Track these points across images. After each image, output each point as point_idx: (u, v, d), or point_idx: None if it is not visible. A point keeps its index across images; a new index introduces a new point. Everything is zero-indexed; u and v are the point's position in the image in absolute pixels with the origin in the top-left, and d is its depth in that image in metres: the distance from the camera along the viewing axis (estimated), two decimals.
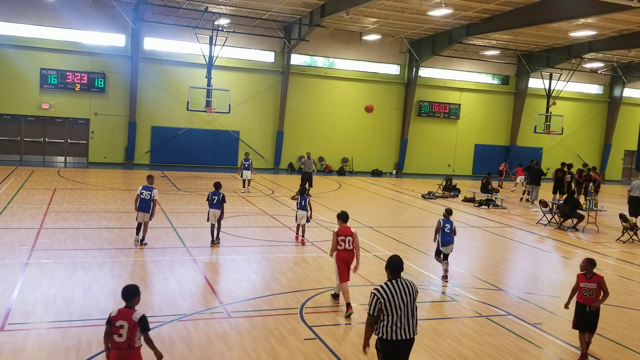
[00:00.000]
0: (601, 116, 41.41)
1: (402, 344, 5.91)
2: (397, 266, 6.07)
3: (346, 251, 9.54)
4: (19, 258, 11.26)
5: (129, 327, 5.59)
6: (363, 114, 35.19)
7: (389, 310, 5.83)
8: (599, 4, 21.09)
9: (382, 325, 5.88)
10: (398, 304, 5.85)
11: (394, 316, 5.84)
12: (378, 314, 5.88)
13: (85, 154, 30.34)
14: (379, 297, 5.85)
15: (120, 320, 5.64)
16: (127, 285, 5.92)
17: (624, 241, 17.11)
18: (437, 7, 25.21)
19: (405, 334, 5.87)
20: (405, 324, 5.88)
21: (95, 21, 28.86)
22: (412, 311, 5.94)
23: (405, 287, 5.96)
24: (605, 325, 9.48)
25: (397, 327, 5.85)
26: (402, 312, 5.86)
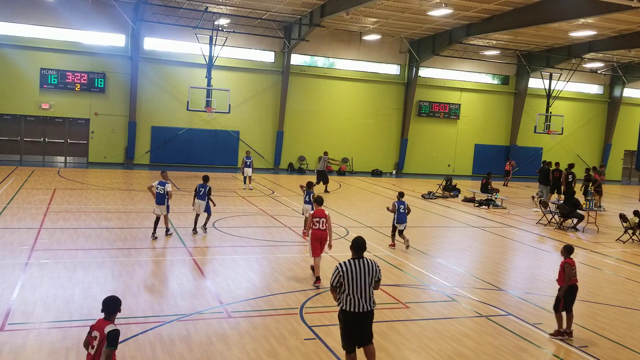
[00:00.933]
0: (601, 116, 41.41)
1: (359, 316, 6.67)
2: (359, 246, 6.95)
3: (320, 230, 10.79)
4: (19, 258, 11.26)
5: (99, 340, 5.29)
6: (363, 114, 35.24)
7: (347, 283, 6.64)
8: (599, 4, 21.09)
9: (342, 298, 6.69)
10: (356, 280, 6.64)
11: (352, 290, 6.65)
12: (336, 285, 6.72)
13: (85, 154, 30.34)
14: (340, 271, 6.72)
15: (95, 330, 5.38)
16: (108, 297, 5.63)
17: (624, 241, 17.12)
18: (437, 7, 25.22)
19: (361, 307, 6.64)
20: (362, 298, 6.65)
21: (95, 21, 28.85)
22: (369, 287, 6.71)
23: (366, 265, 6.79)
24: (605, 325, 9.48)
25: (355, 300, 6.63)
26: (359, 287, 6.65)
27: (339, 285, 6.72)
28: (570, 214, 18.74)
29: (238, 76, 32.02)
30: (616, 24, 27.36)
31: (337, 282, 6.74)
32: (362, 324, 6.75)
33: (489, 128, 38.45)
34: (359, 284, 6.67)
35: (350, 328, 6.75)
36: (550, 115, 35.67)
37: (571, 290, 8.70)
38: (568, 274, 8.63)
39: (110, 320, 5.43)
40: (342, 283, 6.69)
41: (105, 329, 5.28)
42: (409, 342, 8.28)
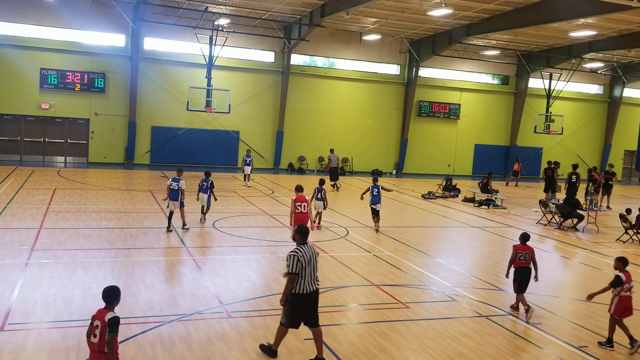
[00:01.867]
0: (601, 116, 41.42)
1: (310, 296, 7.27)
2: (305, 232, 7.43)
3: (302, 213, 12.82)
4: (19, 258, 11.25)
5: (101, 328, 5.47)
6: (363, 114, 35.24)
7: (303, 267, 7.11)
8: (599, 4, 21.10)
9: (298, 282, 7.14)
10: (307, 264, 7.18)
11: (306, 273, 7.16)
12: (297, 271, 7.06)
13: (85, 154, 30.34)
14: (299, 257, 7.09)
15: (97, 319, 5.56)
16: (108, 286, 5.88)
17: (624, 241, 17.11)
18: (437, 7, 25.22)
19: (312, 287, 7.29)
20: (311, 279, 7.25)
21: (95, 21, 28.86)
22: (314, 270, 7.29)
23: (311, 249, 7.35)
24: (605, 325, 9.48)
25: (306, 282, 7.20)
26: (310, 269, 7.23)
27: (299, 272, 7.09)
28: (570, 214, 18.74)
29: (238, 76, 32.02)
30: (616, 24, 27.36)
31: (297, 269, 7.08)
32: (313, 303, 7.39)
33: (489, 128, 38.45)
34: (308, 266, 7.20)
35: (303, 309, 7.26)
36: (550, 115, 35.67)
37: (522, 273, 9.67)
38: (512, 257, 9.77)
39: (110, 309, 5.61)
40: (300, 269, 7.09)
41: (105, 316, 5.48)
42: (409, 342, 8.28)
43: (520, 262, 9.71)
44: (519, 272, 9.71)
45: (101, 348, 5.44)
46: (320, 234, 15.47)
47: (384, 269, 12.25)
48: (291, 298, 7.20)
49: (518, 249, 9.76)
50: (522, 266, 9.71)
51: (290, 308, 7.27)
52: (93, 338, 5.50)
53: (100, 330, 5.45)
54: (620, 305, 8.47)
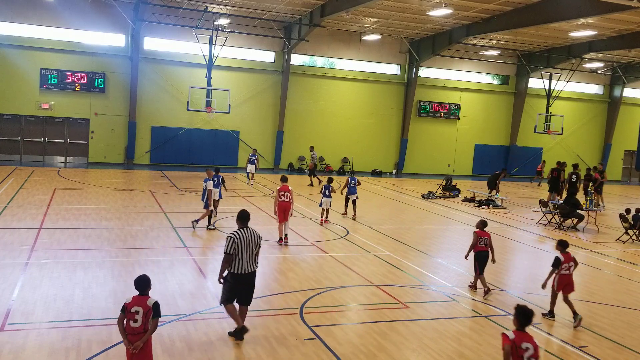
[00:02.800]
0: (601, 116, 41.42)
1: (246, 276, 7.87)
2: (245, 217, 8.03)
3: (284, 202, 13.88)
4: (19, 258, 11.25)
5: (144, 313, 6.13)
6: (363, 114, 35.23)
7: (239, 249, 7.71)
8: (599, 4, 21.10)
9: (233, 263, 7.72)
10: (245, 246, 7.76)
11: (243, 254, 7.74)
12: (232, 252, 7.66)
13: (85, 154, 30.34)
14: (235, 239, 7.71)
15: (135, 306, 6.14)
16: (139, 276, 6.39)
17: (624, 241, 17.11)
18: (437, 7, 25.22)
19: (249, 268, 7.86)
20: (248, 261, 7.82)
21: (95, 21, 28.86)
22: (252, 252, 7.84)
23: (251, 234, 7.90)
24: (605, 325, 9.49)
25: (243, 263, 7.77)
26: (247, 252, 7.79)
27: (234, 253, 7.70)
28: (570, 214, 18.73)
29: (238, 76, 32.02)
30: (616, 24, 27.36)
31: (232, 250, 7.69)
32: (248, 283, 7.97)
33: (489, 128, 38.46)
34: (247, 249, 7.81)
35: (239, 288, 7.86)
36: (550, 115, 35.68)
37: (482, 256, 10.80)
38: (473, 242, 10.88)
39: (147, 295, 6.25)
40: (236, 251, 7.71)
41: (147, 302, 6.16)
42: (409, 342, 8.28)
43: (480, 247, 10.82)
44: (479, 255, 10.82)
45: (146, 328, 6.12)
46: (320, 234, 15.47)
47: (384, 269, 12.25)
48: (230, 277, 7.81)
49: (479, 235, 10.86)
50: (481, 250, 10.83)
51: (228, 286, 7.87)
52: (133, 323, 6.11)
53: (143, 315, 6.11)
54: (561, 282, 9.55)
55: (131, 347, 6.07)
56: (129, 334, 6.14)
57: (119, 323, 6.20)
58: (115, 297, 9.31)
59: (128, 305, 6.17)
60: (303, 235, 15.24)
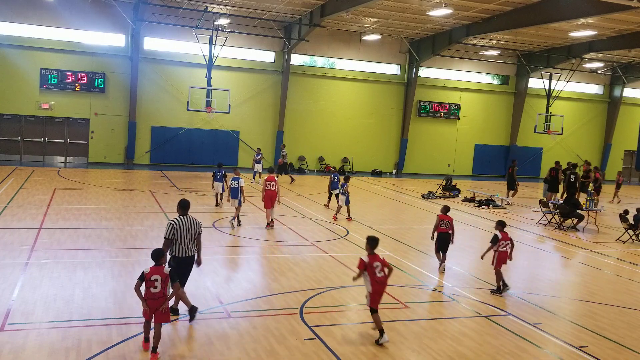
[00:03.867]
0: (601, 116, 41.43)
1: (187, 259, 8.43)
2: (185, 206, 8.63)
3: (271, 190, 15.49)
4: (19, 258, 11.25)
5: (162, 280, 7.17)
6: (363, 114, 35.24)
7: (178, 235, 8.29)
8: (599, 4, 21.10)
9: (174, 247, 8.33)
10: (185, 232, 8.33)
11: (182, 239, 8.33)
12: (171, 237, 8.26)
13: (85, 154, 30.34)
14: (174, 225, 8.30)
15: (154, 275, 7.17)
16: (154, 249, 7.50)
17: (624, 241, 17.11)
18: (437, 7, 25.22)
19: (188, 252, 8.41)
20: (188, 246, 8.38)
21: (95, 21, 28.86)
22: (192, 238, 8.40)
23: (190, 221, 8.45)
24: (605, 325, 9.49)
25: (183, 248, 8.35)
26: (186, 237, 8.35)
27: (174, 238, 8.28)
28: (570, 214, 18.73)
29: (238, 76, 32.02)
30: (616, 24, 27.36)
31: (171, 235, 8.28)
32: (187, 266, 8.52)
33: (489, 128, 38.46)
34: (186, 234, 8.36)
35: (181, 270, 8.38)
36: (550, 115, 35.68)
37: (443, 237, 11.99)
38: (436, 224, 12.05)
39: (162, 265, 7.35)
40: (175, 236, 8.27)
41: (164, 270, 7.26)
42: (409, 342, 8.28)
43: (441, 229, 11.99)
44: (441, 236, 12.02)
45: (165, 293, 7.20)
46: (320, 234, 15.47)
47: None
48: (172, 260, 8.39)
49: (441, 218, 12.02)
50: (443, 232, 12.00)
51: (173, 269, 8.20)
52: (153, 289, 7.15)
53: (161, 282, 7.16)
54: (500, 259, 10.63)
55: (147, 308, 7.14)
56: (149, 299, 7.14)
57: (137, 289, 7.20)
58: (115, 297, 9.31)
59: (147, 274, 7.17)
60: (303, 235, 15.24)
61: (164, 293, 7.17)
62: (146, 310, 7.15)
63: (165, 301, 7.21)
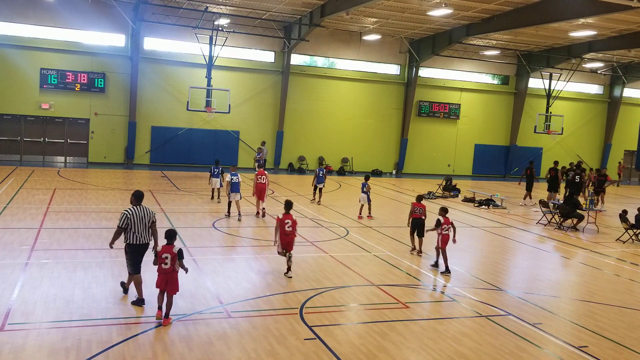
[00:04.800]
0: (601, 116, 41.42)
1: (142, 246, 9.00)
2: (139, 196, 9.19)
3: (261, 184, 17.08)
4: (19, 258, 11.25)
5: (172, 257, 8.26)
6: (363, 114, 35.24)
7: (132, 224, 8.86)
8: (599, 4, 21.10)
9: (129, 235, 8.87)
10: (138, 221, 8.90)
11: (137, 229, 8.88)
12: (124, 226, 8.85)
13: (85, 154, 30.34)
14: (128, 215, 8.88)
15: (165, 253, 8.28)
16: (168, 229, 8.52)
17: (624, 241, 17.11)
18: (437, 7, 25.22)
19: (142, 240, 8.97)
20: (142, 234, 8.95)
21: (95, 21, 28.86)
22: (147, 226, 8.99)
23: (144, 211, 9.04)
24: (605, 325, 9.49)
25: (137, 236, 8.91)
26: (140, 226, 8.92)
27: (127, 226, 8.84)
28: (570, 214, 18.73)
29: (238, 76, 32.02)
30: (616, 24, 27.37)
31: (124, 224, 8.84)
32: (143, 252, 9.07)
33: (489, 128, 38.46)
34: (141, 224, 8.93)
35: (136, 256, 8.96)
36: (550, 115, 35.68)
37: (417, 222, 13.41)
38: (410, 211, 13.55)
39: (173, 245, 8.36)
40: (129, 225, 8.83)
41: (173, 250, 8.29)
42: (409, 342, 8.29)
43: (415, 214, 13.40)
44: (414, 222, 13.46)
45: (174, 269, 8.30)
46: (320, 234, 15.47)
47: (384, 269, 12.25)
48: (128, 248, 8.95)
49: (414, 205, 13.56)
50: (416, 217, 13.41)
51: (129, 256, 9.01)
52: (164, 265, 8.25)
53: (171, 259, 8.25)
54: (443, 240, 12.13)
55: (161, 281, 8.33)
56: (160, 274, 8.30)
57: (155, 263, 8.43)
58: (115, 297, 9.31)
59: (159, 252, 8.30)
60: (303, 235, 15.24)
61: (173, 268, 8.30)
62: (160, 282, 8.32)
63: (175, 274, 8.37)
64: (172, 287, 8.34)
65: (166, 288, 8.29)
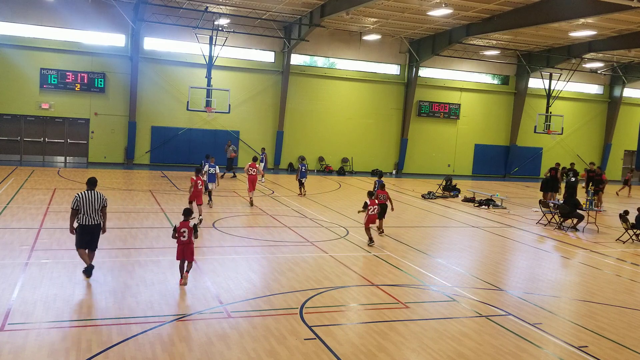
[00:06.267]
0: (601, 116, 41.43)
1: (90, 227, 10.10)
2: (92, 182, 10.35)
3: (252, 175, 19.22)
4: (19, 258, 11.25)
5: (188, 231, 10.06)
6: (363, 114, 35.24)
7: (82, 206, 9.98)
8: (599, 4, 21.10)
9: (80, 217, 10.01)
10: (88, 204, 10.03)
11: (86, 210, 10.01)
12: (76, 208, 9.96)
13: (85, 154, 30.35)
14: (78, 198, 10.02)
15: (183, 228, 10.06)
16: (185, 208, 10.61)
17: (624, 241, 17.11)
18: (437, 7, 25.23)
19: (92, 221, 10.09)
20: (91, 216, 10.07)
21: (95, 21, 28.87)
22: (96, 209, 10.11)
23: (94, 195, 10.17)
24: (605, 325, 9.49)
25: (87, 217, 10.02)
26: (90, 209, 10.05)
27: (77, 208, 9.95)
28: (570, 214, 18.73)
29: (238, 76, 32.03)
30: (616, 24, 27.37)
31: (76, 206, 9.97)
32: (92, 233, 10.18)
33: (489, 128, 38.47)
34: (90, 207, 10.02)
35: (84, 236, 10.08)
36: (550, 115, 35.68)
37: (382, 208, 15.42)
38: (375, 197, 15.02)
39: (189, 220, 10.22)
40: (79, 207, 9.94)
41: (189, 225, 10.11)
42: (409, 342, 8.28)
43: (380, 200, 15.40)
44: (381, 207, 15.19)
45: (190, 241, 10.06)
46: (320, 234, 15.48)
47: (384, 269, 12.25)
48: (77, 227, 10.07)
49: (379, 193, 15.76)
50: (381, 203, 15.41)
51: (77, 235, 10.13)
52: (183, 238, 10.03)
53: (188, 233, 10.04)
54: (369, 220, 14.27)
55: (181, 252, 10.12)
56: (179, 245, 10.07)
57: (173, 237, 10.13)
58: (115, 297, 9.31)
59: (178, 227, 10.06)
60: (303, 235, 15.25)
61: (190, 240, 10.03)
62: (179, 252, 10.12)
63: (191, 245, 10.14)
64: (189, 255, 10.16)
65: (184, 256, 10.09)
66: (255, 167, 19.39)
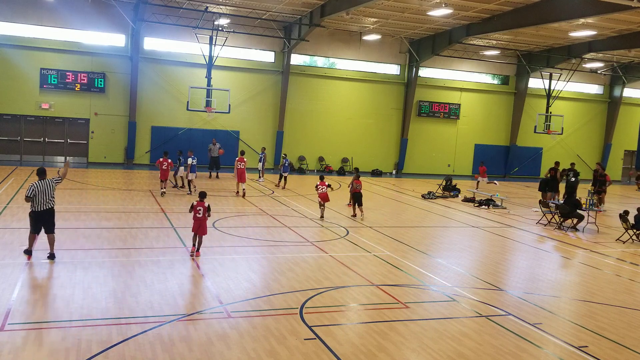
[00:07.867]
0: (601, 116, 41.43)
1: (45, 212, 11.06)
2: (40, 172, 11.20)
3: (241, 169, 21.19)
4: (19, 258, 11.25)
5: (204, 209, 11.94)
6: (363, 114, 35.24)
7: (37, 194, 10.87)
8: (599, 4, 21.10)
9: (34, 204, 10.92)
10: (42, 191, 10.94)
11: (41, 197, 10.93)
12: (31, 196, 10.85)
13: (85, 154, 30.35)
14: (34, 187, 10.88)
15: (199, 206, 11.92)
16: (201, 191, 12.49)
17: (624, 241, 17.11)
18: (437, 7, 25.23)
19: (46, 206, 11.04)
20: (45, 202, 11.01)
21: (95, 21, 28.87)
22: (50, 195, 11.07)
23: (47, 183, 11.06)
24: (605, 325, 9.49)
25: (42, 203, 10.96)
26: (44, 196, 10.98)
27: (33, 196, 10.85)
28: (570, 214, 18.73)
29: (238, 76, 32.03)
30: (616, 24, 27.37)
31: (32, 194, 10.85)
32: (48, 217, 11.12)
33: (489, 128, 38.47)
34: (43, 194, 10.97)
35: (40, 220, 11.06)
36: (550, 115, 35.68)
37: (357, 196, 18.09)
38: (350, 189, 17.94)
39: (204, 201, 12.09)
40: (35, 194, 10.83)
41: (205, 204, 11.98)
42: (409, 342, 8.28)
43: (355, 189, 18.00)
44: (355, 195, 18.14)
45: (205, 217, 11.97)
46: (320, 234, 15.48)
47: (384, 269, 12.25)
48: (32, 213, 11.01)
49: (355, 183, 18.00)
50: (356, 192, 18.01)
51: (32, 220, 11.09)
52: (198, 215, 11.90)
53: (203, 210, 11.92)
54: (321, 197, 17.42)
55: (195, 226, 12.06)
56: (195, 220, 11.92)
57: (190, 211, 12.14)
58: (115, 297, 9.31)
59: (195, 206, 11.91)
60: (303, 235, 15.25)
61: (205, 217, 11.94)
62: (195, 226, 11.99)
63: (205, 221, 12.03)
64: (202, 230, 12.01)
65: (198, 231, 11.94)
66: (243, 160, 21.28)
